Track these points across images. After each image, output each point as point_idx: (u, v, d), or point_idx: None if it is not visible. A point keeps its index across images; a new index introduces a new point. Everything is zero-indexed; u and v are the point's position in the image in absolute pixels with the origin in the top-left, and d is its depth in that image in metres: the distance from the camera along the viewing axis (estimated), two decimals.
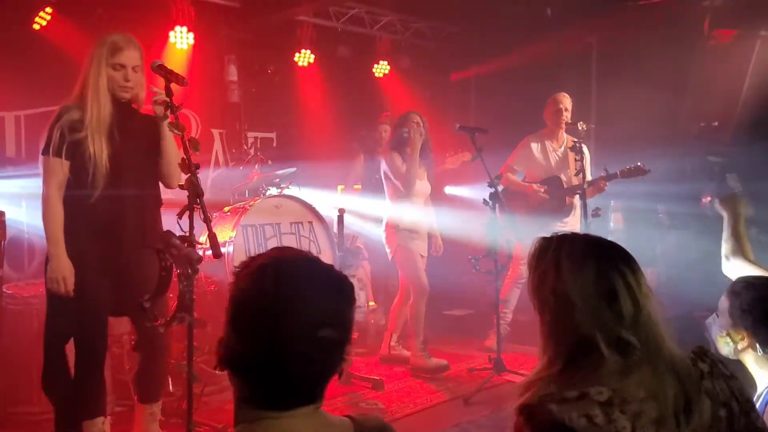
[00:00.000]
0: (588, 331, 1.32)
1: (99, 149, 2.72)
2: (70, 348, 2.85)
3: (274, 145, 6.53)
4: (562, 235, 1.44)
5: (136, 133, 2.88)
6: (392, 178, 4.54)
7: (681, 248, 4.69)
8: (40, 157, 2.79)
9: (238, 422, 1.18)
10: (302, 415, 1.16)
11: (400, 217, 4.53)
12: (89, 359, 2.80)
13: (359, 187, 5.77)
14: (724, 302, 1.97)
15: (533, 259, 1.42)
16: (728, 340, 1.95)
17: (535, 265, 1.41)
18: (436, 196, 5.03)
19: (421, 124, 4.50)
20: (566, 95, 4.97)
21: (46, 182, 2.78)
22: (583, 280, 1.34)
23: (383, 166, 4.63)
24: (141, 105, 2.95)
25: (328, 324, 1.14)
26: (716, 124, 4.82)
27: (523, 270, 4.90)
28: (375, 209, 4.95)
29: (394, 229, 4.56)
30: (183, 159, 2.54)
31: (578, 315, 1.33)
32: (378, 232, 4.87)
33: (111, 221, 2.80)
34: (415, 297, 4.54)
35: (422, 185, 4.60)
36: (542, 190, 4.90)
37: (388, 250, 4.63)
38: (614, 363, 1.30)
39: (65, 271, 2.72)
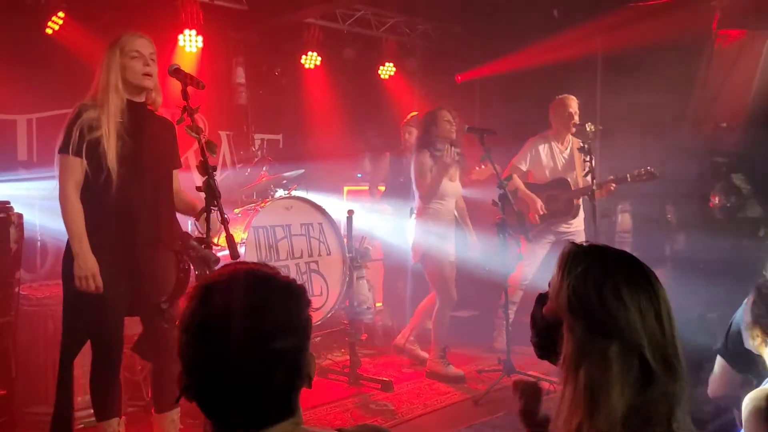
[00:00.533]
0: (636, 340, 1.25)
1: (112, 149, 2.71)
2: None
3: (281, 146, 6.57)
4: (598, 245, 1.39)
5: (151, 135, 2.87)
6: (415, 183, 4.45)
7: (689, 249, 4.71)
8: (57, 156, 2.77)
9: None
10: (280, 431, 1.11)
11: (431, 217, 4.43)
12: (106, 360, 2.81)
13: (383, 188, 5.78)
14: (749, 298, 2.02)
15: (569, 259, 1.35)
16: (749, 335, 2.00)
17: (574, 264, 1.34)
18: None
19: (453, 123, 4.38)
20: (574, 98, 4.98)
21: (63, 181, 2.75)
22: (634, 285, 1.29)
23: (411, 167, 4.53)
24: (157, 108, 2.95)
25: (282, 333, 1.09)
26: (724, 125, 4.83)
27: (528, 272, 4.91)
28: (385, 210, 4.96)
29: (422, 232, 4.44)
30: (200, 162, 2.57)
31: (628, 317, 1.26)
32: (393, 234, 4.86)
33: (126, 221, 2.79)
34: (440, 305, 4.47)
35: (454, 186, 4.48)
36: (541, 211, 4.89)
37: (412, 252, 4.53)
38: (663, 384, 1.24)
39: (93, 267, 2.68)
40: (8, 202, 3.03)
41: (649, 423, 1.23)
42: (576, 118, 4.89)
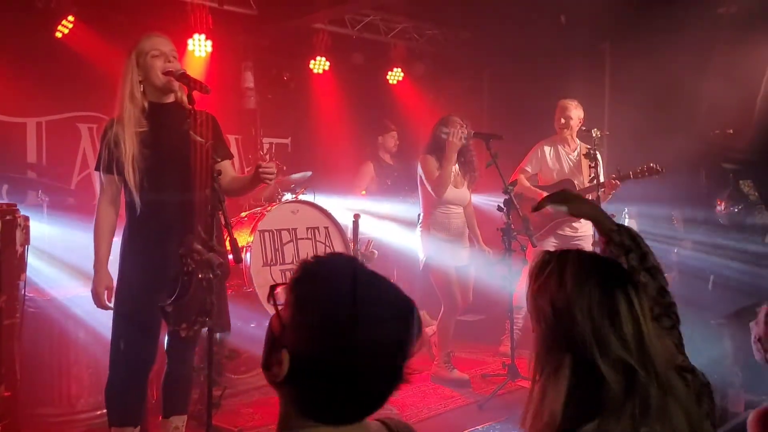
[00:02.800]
0: (587, 349, 1.27)
1: (129, 163, 2.70)
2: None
3: (289, 150, 6.60)
4: (566, 250, 1.41)
5: (183, 134, 2.70)
6: (425, 181, 4.44)
7: (696, 255, 4.69)
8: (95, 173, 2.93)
9: (282, 429, 1.12)
10: (349, 428, 1.12)
11: (434, 225, 4.43)
12: (129, 368, 2.82)
13: (364, 192, 5.82)
14: (762, 310, 1.99)
15: (535, 270, 1.39)
16: (760, 346, 1.96)
17: (537, 275, 1.38)
18: None
19: (464, 127, 4.36)
20: (572, 101, 4.96)
21: (99, 196, 2.87)
22: (587, 295, 1.29)
23: (419, 170, 4.52)
24: (186, 105, 2.79)
25: (405, 344, 1.09)
26: (731, 131, 4.81)
27: None
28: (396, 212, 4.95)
29: (427, 237, 4.44)
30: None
31: (577, 331, 1.28)
32: (406, 237, 4.85)
33: (155, 232, 2.79)
34: (444, 311, 4.46)
35: (460, 193, 4.47)
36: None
37: (420, 258, 4.50)
38: (617, 387, 1.25)
39: (99, 287, 2.78)
40: (15, 205, 3.06)
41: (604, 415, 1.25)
42: (564, 121, 4.88)
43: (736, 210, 4.64)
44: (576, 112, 4.91)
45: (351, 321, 1.05)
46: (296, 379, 1.07)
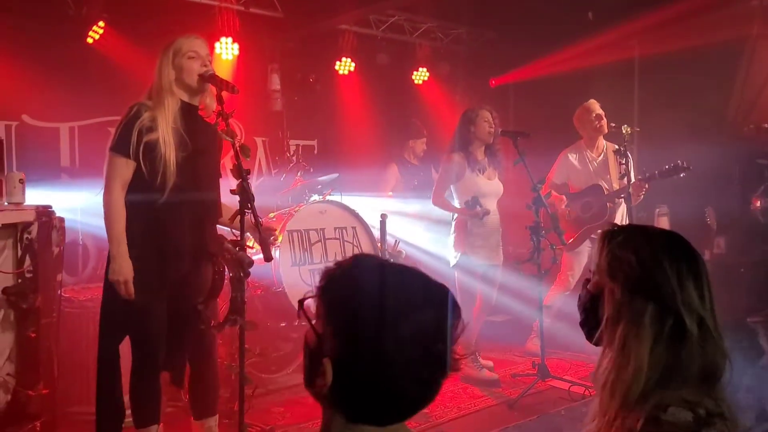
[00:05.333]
0: (672, 299, 1.27)
1: (171, 155, 2.67)
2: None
3: (316, 152, 6.63)
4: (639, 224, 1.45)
5: (203, 140, 2.81)
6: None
7: (730, 253, 4.60)
8: (109, 154, 2.71)
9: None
10: (394, 429, 1.11)
11: (469, 219, 4.36)
12: (145, 366, 2.81)
13: (391, 194, 5.82)
14: None
15: (609, 234, 1.39)
16: None
17: (615, 233, 1.38)
18: None
19: (492, 126, 4.37)
20: (595, 101, 4.89)
21: (110, 180, 2.69)
22: (675, 250, 1.32)
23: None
24: (209, 114, 2.88)
25: (443, 330, 1.09)
26: (766, 125, 4.71)
27: (572, 282, 4.83)
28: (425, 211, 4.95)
29: (462, 233, 4.39)
30: (234, 165, 2.61)
31: (663, 279, 1.28)
32: (433, 236, 4.85)
33: (173, 228, 2.75)
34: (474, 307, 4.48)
35: (493, 185, 4.43)
36: (567, 212, 4.82)
37: (453, 254, 4.44)
38: (695, 343, 1.26)
39: (127, 273, 2.65)
40: (50, 207, 3.12)
41: (679, 381, 1.25)
42: (604, 118, 4.81)
43: None
44: (600, 109, 4.86)
45: (383, 317, 1.05)
46: (341, 385, 1.07)
